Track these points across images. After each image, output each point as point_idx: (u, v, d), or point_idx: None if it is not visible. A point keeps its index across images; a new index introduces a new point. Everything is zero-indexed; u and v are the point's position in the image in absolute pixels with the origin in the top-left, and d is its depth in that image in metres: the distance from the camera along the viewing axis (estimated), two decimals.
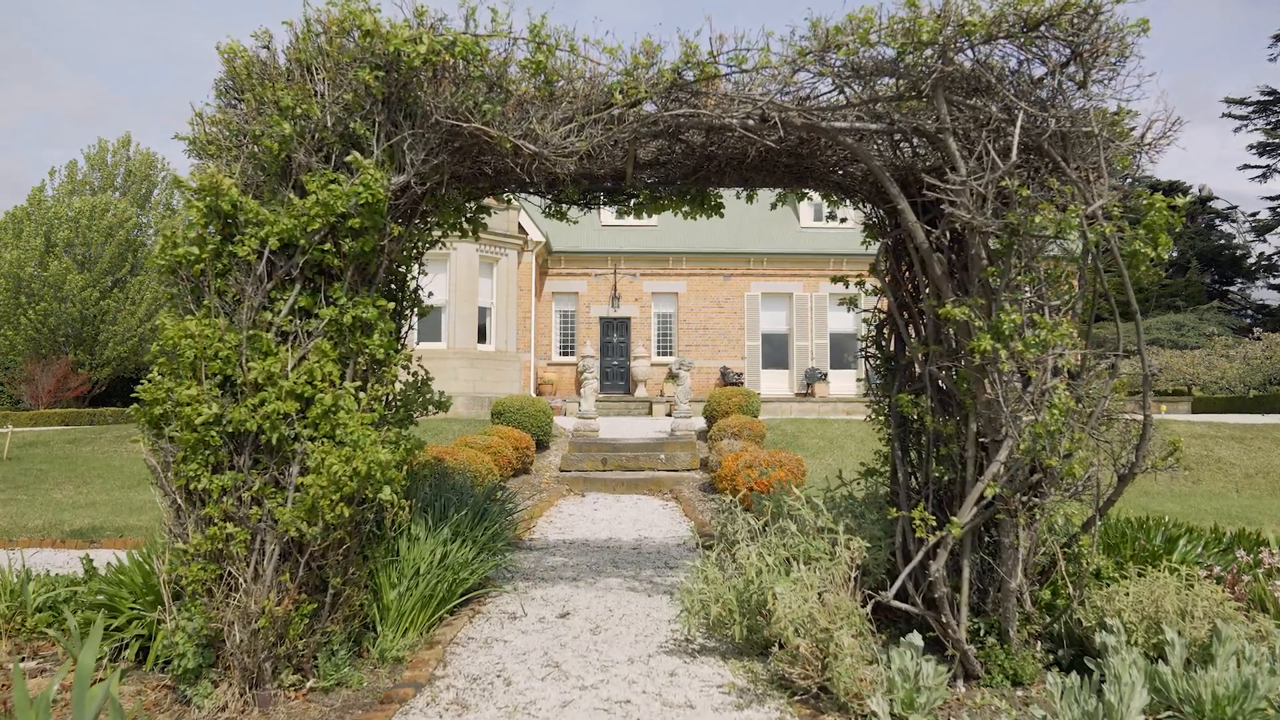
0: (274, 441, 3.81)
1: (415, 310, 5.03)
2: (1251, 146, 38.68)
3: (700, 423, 15.93)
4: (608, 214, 23.93)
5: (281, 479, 3.88)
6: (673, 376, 15.13)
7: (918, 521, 3.92)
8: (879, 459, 5.00)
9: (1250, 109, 38.39)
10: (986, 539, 4.28)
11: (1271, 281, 40.09)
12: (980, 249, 3.92)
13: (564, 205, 5.59)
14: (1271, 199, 39.33)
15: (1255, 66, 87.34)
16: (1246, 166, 41.62)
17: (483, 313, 19.85)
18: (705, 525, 8.15)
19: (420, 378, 4.82)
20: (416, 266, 5.04)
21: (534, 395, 20.41)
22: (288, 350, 3.91)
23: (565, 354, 23.89)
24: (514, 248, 20.58)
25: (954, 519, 3.84)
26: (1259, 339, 27.41)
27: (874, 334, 5.06)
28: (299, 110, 3.92)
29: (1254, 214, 40.23)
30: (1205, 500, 10.68)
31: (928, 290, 4.36)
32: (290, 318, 3.99)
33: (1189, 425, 14.99)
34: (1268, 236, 40.21)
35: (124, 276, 27.93)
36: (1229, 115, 38.92)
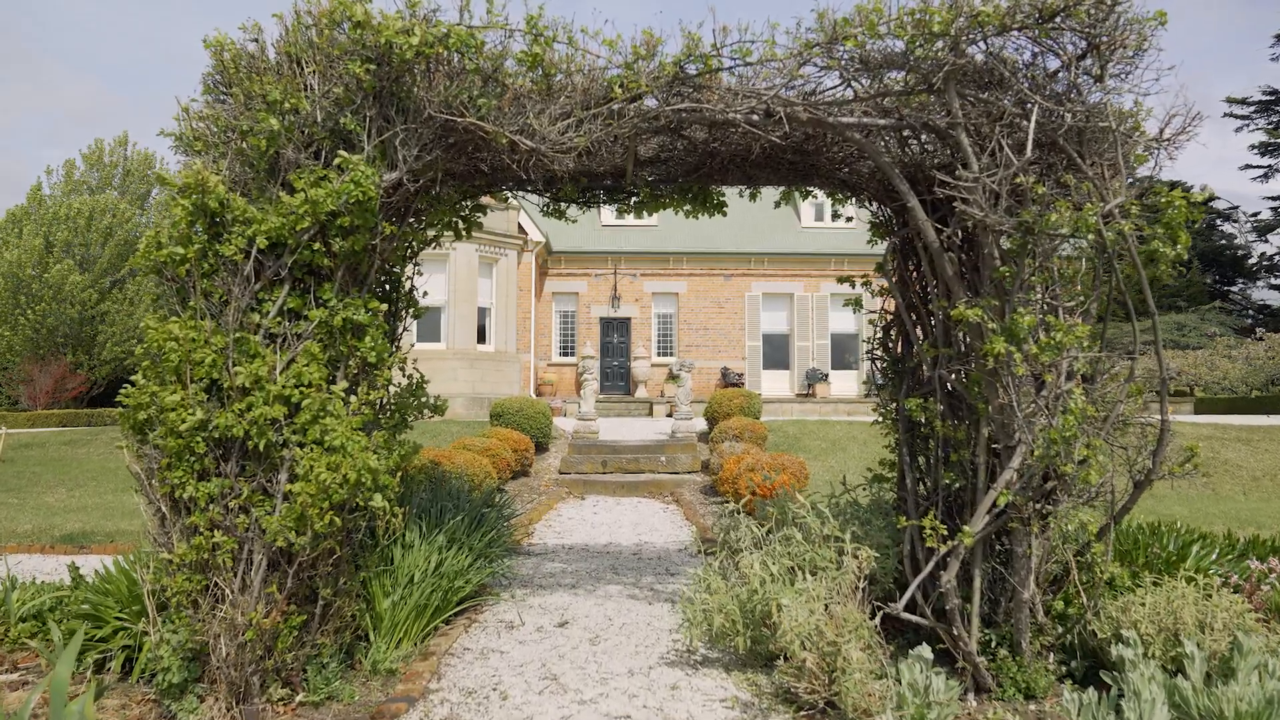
0: (262, 448, 3.68)
1: (411, 311, 4.90)
2: (1253, 146, 38.51)
3: (701, 424, 15.79)
4: (608, 213, 23.80)
5: (270, 486, 3.75)
6: (673, 377, 14.99)
7: (928, 530, 3.78)
8: (885, 466, 4.87)
9: (1252, 109, 38.22)
10: (998, 547, 4.15)
11: (1273, 282, 39.94)
12: (993, 248, 3.79)
13: (563, 204, 5.46)
14: (1273, 199, 39.17)
15: (1254, 67, 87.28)
16: (1248, 166, 41.38)
17: (482, 313, 19.71)
18: (707, 530, 8.01)
19: (415, 380, 4.70)
20: (412, 266, 4.91)
21: (533, 396, 20.27)
22: (275, 353, 3.78)
23: (565, 354, 23.75)
24: (513, 248, 20.44)
25: (965, 528, 3.71)
26: (1261, 339, 27.29)
27: (880, 335, 4.93)
28: (288, 105, 3.79)
29: (1255, 214, 40.05)
30: (1213, 503, 10.55)
31: (936, 290, 4.23)
32: (279, 319, 3.86)
33: (1195, 427, 14.86)
34: (1269, 236, 40.03)
35: (123, 277, 27.80)
36: (1230, 115, 38.75)
